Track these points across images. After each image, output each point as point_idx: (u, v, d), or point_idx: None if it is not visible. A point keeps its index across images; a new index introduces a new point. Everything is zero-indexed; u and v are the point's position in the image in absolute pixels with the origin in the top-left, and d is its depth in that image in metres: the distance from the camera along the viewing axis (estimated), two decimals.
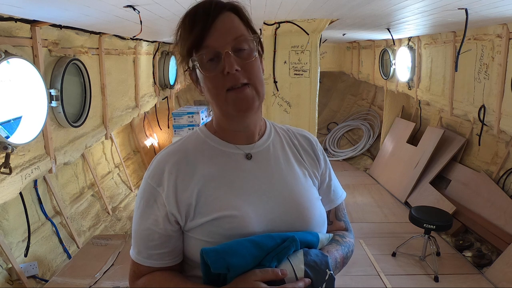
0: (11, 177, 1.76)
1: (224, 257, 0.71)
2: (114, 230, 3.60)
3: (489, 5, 1.99)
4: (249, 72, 0.77)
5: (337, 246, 0.86)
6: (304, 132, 0.95)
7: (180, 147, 0.86)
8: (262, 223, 0.78)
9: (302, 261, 0.73)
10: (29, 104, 1.88)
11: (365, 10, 2.33)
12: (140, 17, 1.95)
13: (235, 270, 0.71)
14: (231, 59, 0.74)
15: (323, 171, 0.92)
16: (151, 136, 5.69)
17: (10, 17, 1.77)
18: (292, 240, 0.74)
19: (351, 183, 5.45)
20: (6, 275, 2.28)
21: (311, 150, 0.92)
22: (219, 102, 0.78)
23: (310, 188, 0.87)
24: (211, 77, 0.77)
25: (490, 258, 3.30)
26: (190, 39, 0.77)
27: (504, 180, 3.63)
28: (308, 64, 2.97)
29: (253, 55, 0.78)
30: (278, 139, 0.89)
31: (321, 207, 0.87)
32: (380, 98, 6.80)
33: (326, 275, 0.73)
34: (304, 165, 0.89)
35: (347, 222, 0.98)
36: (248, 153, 0.84)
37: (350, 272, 3.19)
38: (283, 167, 0.85)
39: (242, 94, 0.76)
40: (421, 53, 4.29)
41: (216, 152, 0.84)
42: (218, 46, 0.75)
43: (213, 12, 0.76)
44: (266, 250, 0.73)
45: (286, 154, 0.88)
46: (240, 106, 0.77)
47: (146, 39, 3.82)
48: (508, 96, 2.75)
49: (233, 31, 0.76)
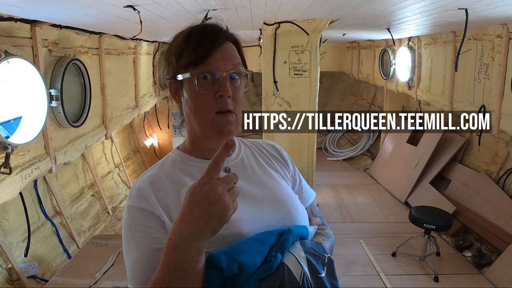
0: (11, 177, 1.76)
1: (235, 256, 0.72)
2: (114, 230, 3.60)
3: (489, 5, 1.99)
4: (236, 101, 0.82)
5: (323, 237, 0.93)
6: (268, 142, 1.03)
7: (157, 171, 0.88)
8: (254, 225, 0.82)
9: (301, 250, 0.78)
10: (29, 104, 1.88)
11: (365, 10, 2.33)
12: (140, 17, 1.95)
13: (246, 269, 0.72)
14: (227, 84, 0.79)
15: (293, 173, 1.00)
16: (151, 136, 5.69)
17: (10, 17, 1.77)
18: (289, 232, 0.79)
19: (351, 183, 5.45)
20: (6, 275, 2.28)
21: (279, 156, 0.99)
22: (202, 121, 0.82)
23: (288, 188, 0.94)
24: (202, 95, 0.80)
25: (490, 258, 3.30)
26: (194, 54, 0.80)
27: (504, 180, 3.63)
28: (308, 64, 2.97)
29: (243, 87, 0.84)
30: (248, 151, 0.96)
31: (301, 204, 0.94)
32: (380, 98, 6.80)
33: (325, 259, 0.79)
34: (276, 170, 0.96)
35: (321, 218, 1.07)
36: (226, 167, 0.89)
37: (350, 272, 3.19)
38: (260, 173, 0.92)
39: (225, 119, 0.81)
40: (421, 53, 4.29)
41: (195, 170, 0.87)
42: (219, 68, 0.80)
43: (221, 37, 0.81)
44: (269, 245, 0.77)
45: (259, 162, 0.95)
46: (222, 130, 0.81)
47: (146, 39, 3.82)
48: (508, 96, 2.75)
49: (233, 60, 0.82)
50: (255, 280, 0.72)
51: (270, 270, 0.73)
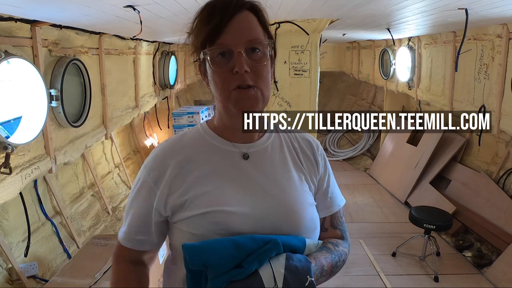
0: (11, 177, 1.76)
1: (201, 254, 0.72)
2: (114, 230, 3.60)
3: (489, 5, 1.99)
4: (257, 75, 0.77)
5: (327, 253, 0.84)
6: (306, 136, 0.94)
7: (178, 143, 0.87)
8: (248, 222, 0.78)
9: (283, 265, 0.73)
10: (29, 104, 1.88)
11: (365, 10, 2.33)
12: (140, 17, 1.95)
13: (213, 269, 0.72)
14: (242, 59, 0.75)
15: (321, 177, 0.91)
16: (151, 136, 5.69)
17: (10, 17, 1.77)
18: (274, 243, 0.74)
19: (351, 183, 5.45)
20: (6, 275, 2.28)
21: (311, 154, 0.91)
22: (223, 98, 0.79)
23: (304, 193, 0.86)
24: (219, 73, 0.77)
25: (490, 258, 3.30)
26: (205, 32, 0.77)
27: (504, 180, 3.63)
28: (308, 64, 2.96)
29: (264, 59, 0.78)
30: (277, 141, 0.89)
31: (314, 213, 0.86)
32: (380, 98, 6.80)
33: (306, 281, 0.72)
34: (301, 169, 0.88)
35: (343, 231, 0.96)
36: (245, 153, 0.84)
37: (350, 272, 3.19)
38: (279, 170, 0.85)
39: (246, 94, 0.77)
40: (421, 53, 4.29)
41: (213, 149, 0.85)
42: (232, 44, 0.75)
43: (232, 9, 0.75)
44: (246, 252, 0.73)
45: (284, 156, 0.87)
46: (243, 106, 0.78)
47: (146, 39, 3.82)
48: (508, 96, 2.75)
49: (248, 32, 0.77)
50: (224, 281, 0.72)
51: (240, 276, 0.72)
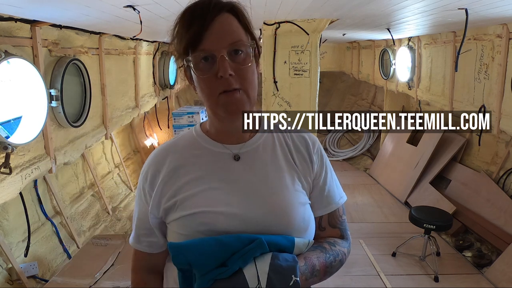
0: (11, 177, 1.76)
1: (184, 253, 0.74)
2: (114, 230, 3.60)
3: (489, 5, 1.99)
4: (242, 78, 0.76)
5: (321, 253, 0.82)
6: (303, 133, 0.92)
7: (172, 148, 0.89)
8: (235, 223, 0.78)
9: (267, 264, 0.73)
10: (29, 104, 1.88)
11: (365, 10, 2.33)
12: (140, 17, 1.95)
13: (197, 267, 0.74)
14: (226, 63, 0.74)
15: (317, 175, 0.88)
16: (151, 136, 5.69)
17: (10, 17, 1.77)
18: (259, 242, 0.74)
19: (351, 183, 5.45)
20: (6, 275, 2.28)
21: (306, 152, 0.88)
22: (211, 103, 0.79)
23: (295, 192, 0.84)
24: (204, 79, 0.77)
25: (490, 258, 3.30)
26: (186, 39, 0.76)
27: (504, 180, 3.63)
28: (308, 64, 2.96)
29: (248, 60, 0.77)
30: (270, 140, 0.88)
31: (305, 213, 0.84)
32: (380, 98, 6.80)
33: (290, 281, 0.72)
34: (294, 168, 0.86)
35: (343, 230, 0.92)
36: (236, 154, 0.84)
37: (350, 272, 3.19)
38: (269, 169, 0.84)
39: (232, 98, 0.76)
40: (421, 53, 4.29)
41: (204, 152, 0.86)
42: (214, 49, 0.74)
43: (211, 12, 0.74)
44: (231, 251, 0.73)
45: (276, 155, 0.86)
46: (230, 109, 0.78)
47: (146, 39, 3.82)
48: (508, 96, 2.75)
49: (230, 35, 0.75)
50: (210, 279, 0.73)
51: (224, 274, 0.72)
